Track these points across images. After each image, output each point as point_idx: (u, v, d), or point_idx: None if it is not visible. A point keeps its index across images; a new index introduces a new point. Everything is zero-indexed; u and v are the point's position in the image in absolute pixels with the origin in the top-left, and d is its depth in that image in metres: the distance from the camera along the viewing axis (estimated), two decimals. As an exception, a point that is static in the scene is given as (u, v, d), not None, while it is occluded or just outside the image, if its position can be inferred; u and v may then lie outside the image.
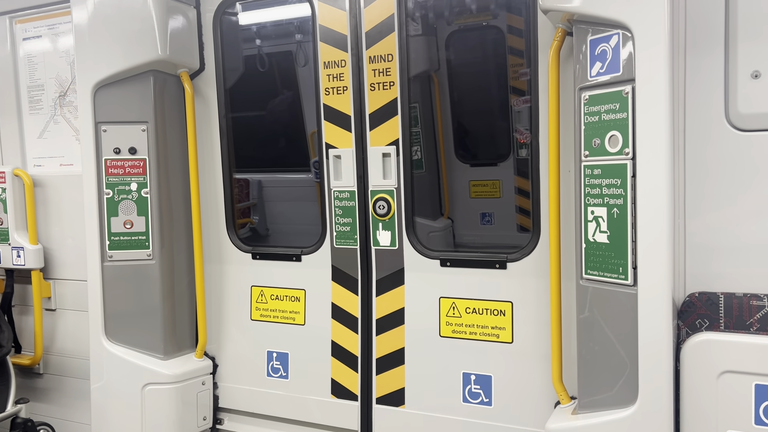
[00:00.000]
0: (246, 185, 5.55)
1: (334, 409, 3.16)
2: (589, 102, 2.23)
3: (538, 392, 2.72)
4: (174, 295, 3.32)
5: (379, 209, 2.98)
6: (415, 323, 2.98)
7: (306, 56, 5.08)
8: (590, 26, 2.22)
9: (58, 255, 3.83)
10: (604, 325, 2.25)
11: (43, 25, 3.78)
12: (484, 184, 4.92)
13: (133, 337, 3.27)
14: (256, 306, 3.37)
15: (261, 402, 3.35)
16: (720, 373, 2.08)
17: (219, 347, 3.48)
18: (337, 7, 2.98)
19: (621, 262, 2.17)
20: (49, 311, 3.89)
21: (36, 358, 3.86)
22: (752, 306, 2.20)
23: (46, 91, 3.82)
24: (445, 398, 2.92)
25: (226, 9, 3.31)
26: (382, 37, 2.90)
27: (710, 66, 2.31)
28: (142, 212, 3.21)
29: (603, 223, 2.21)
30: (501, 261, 2.78)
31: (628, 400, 2.18)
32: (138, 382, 3.21)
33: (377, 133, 2.96)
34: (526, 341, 2.75)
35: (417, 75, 4.38)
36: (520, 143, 4.67)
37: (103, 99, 3.16)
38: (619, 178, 2.15)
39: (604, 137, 2.19)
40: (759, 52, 2.24)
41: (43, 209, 3.85)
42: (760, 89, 2.25)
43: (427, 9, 4.31)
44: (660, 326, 2.10)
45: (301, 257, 3.22)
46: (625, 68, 2.12)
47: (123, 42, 3.08)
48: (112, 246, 3.22)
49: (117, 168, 3.19)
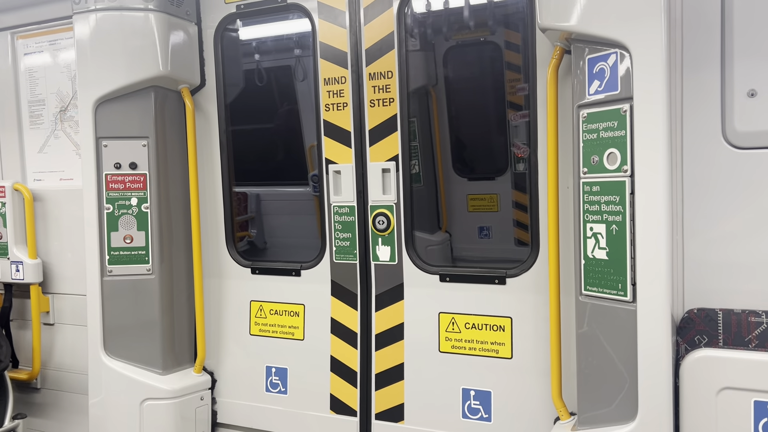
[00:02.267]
0: (244, 198, 5.56)
1: (333, 424, 3.15)
2: (587, 120, 2.25)
3: (538, 408, 2.72)
4: (173, 310, 3.32)
5: (378, 224, 2.99)
6: (415, 338, 2.98)
7: (305, 71, 5.12)
8: (588, 45, 2.25)
9: (57, 269, 3.83)
10: (604, 342, 2.26)
11: (44, 41, 3.80)
12: (482, 198, 4.94)
13: (131, 352, 3.26)
14: (255, 321, 3.37)
15: (260, 417, 3.34)
16: (719, 390, 2.09)
17: (218, 362, 3.47)
18: (337, 24, 3.01)
19: (620, 279, 2.18)
20: (47, 326, 3.88)
21: (34, 372, 3.85)
22: (751, 323, 2.21)
23: (46, 105, 3.83)
24: (444, 414, 2.92)
25: (227, 25, 3.34)
26: (382, 54, 2.93)
27: (707, 84, 2.33)
28: (142, 227, 3.22)
29: (602, 239, 2.22)
30: (500, 276, 2.79)
31: (628, 417, 2.18)
32: (136, 397, 3.19)
33: (377, 149, 2.98)
34: (525, 357, 2.76)
35: (415, 90, 4.42)
36: (517, 157, 4.69)
37: (104, 114, 3.17)
38: (617, 195, 2.17)
39: (602, 154, 2.21)
40: (755, 70, 2.27)
41: (43, 223, 3.85)
42: (756, 107, 2.27)
43: (425, 25, 4.35)
44: (659, 342, 2.11)
45: (300, 272, 3.23)
46: (622, 87, 2.14)
47: (124, 58, 3.10)
48: (111, 261, 3.22)
49: (117, 183, 3.20)
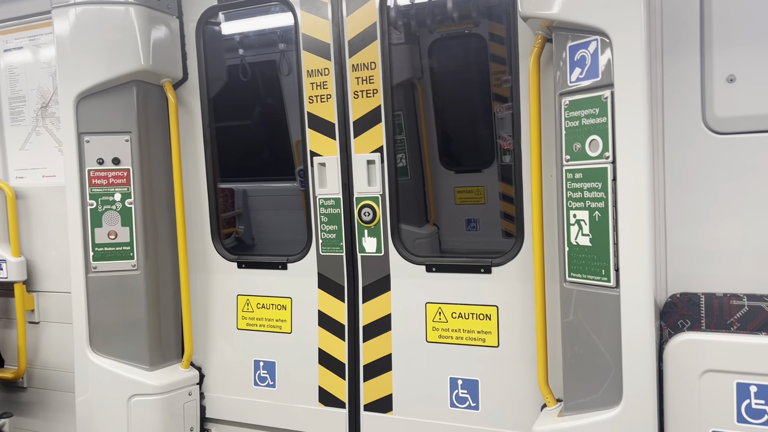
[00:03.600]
0: (231, 195, 5.54)
1: (321, 416, 3.15)
2: (569, 107, 2.26)
3: (525, 395, 2.74)
4: (159, 306, 3.30)
5: (364, 216, 2.99)
6: (402, 329, 2.99)
7: (290, 65, 5.10)
8: (569, 33, 2.25)
9: (42, 267, 3.80)
10: (588, 328, 2.27)
11: (24, 37, 3.76)
12: (469, 190, 4.95)
13: (118, 349, 3.24)
14: (243, 315, 3.36)
15: (248, 411, 3.34)
16: (702, 372, 2.11)
17: (205, 357, 3.46)
18: (319, 16, 3.00)
19: (603, 265, 2.20)
20: (32, 324, 3.85)
21: (19, 371, 3.82)
22: (732, 305, 2.24)
23: (27, 102, 3.79)
24: (432, 403, 2.93)
25: (208, 19, 3.32)
26: (365, 45, 2.92)
27: (687, 70, 2.35)
28: (126, 223, 3.20)
29: (585, 226, 2.24)
30: (486, 266, 2.80)
31: (613, 401, 2.20)
32: (124, 393, 3.18)
33: (361, 141, 2.98)
34: (511, 345, 2.77)
35: (401, 83, 4.42)
36: (503, 149, 4.71)
37: (86, 109, 3.15)
38: (600, 181, 2.18)
39: (584, 141, 2.22)
40: (733, 56, 2.29)
41: (26, 221, 3.81)
42: (735, 93, 2.29)
43: (409, 17, 4.34)
44: (643, 327, 2.13)
45: (287, 265, 3.22)
46: (603, 74, 2.15)
47: (105, 52, 3.07)
48: (96, 257, 3.20)
49: (100, 178, 3.18)
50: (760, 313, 2.19)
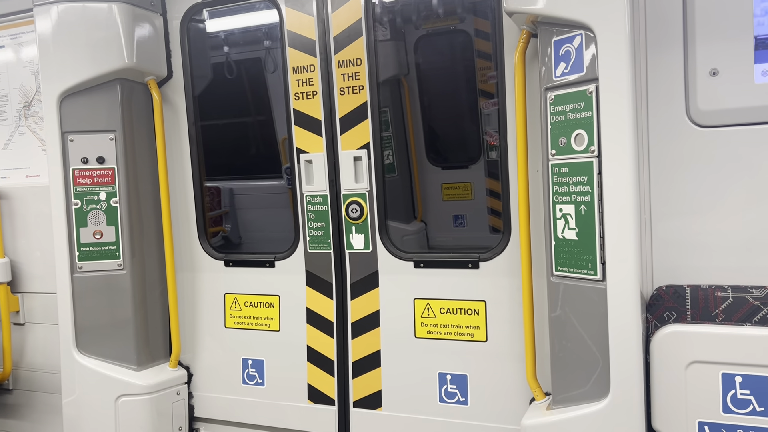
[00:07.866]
0: (217, 193, 5.51)
1: (311, 414, 3.15)
2: (554, 102, 2.27)
3: (514, 389, 2.75)
4: (146, 305, 3.28)
5: (352, 213, 2.99)
6: (391, 325, 2.99)
7: (275, 62, 5.08)
8: (554, 27, 2.26)
9: (26, 268, 3.76)
10: (576, 321, 2.29)
11: (5, 35, 3.72)
12: (456, 186, 4.96)
13: (105, 349, 3.22)
14: (230, 313, 3.35)
15: (237, 410, 3.33)
16: (688, 364, 2.13)
17: (193, 356, 3.44)
18: (304, 12, 2.99)
19: (590, 258, 2.21)
20: (17, 325, 3.81)
21: (5, 373, 3.78)
22: (717, 297, 2.26)
23: (10, 101, 3.75)
24: (421, 399, 2.93)
25: (192, 16, 3.29)
26: (351, 41, 2.92)
27: (671, 64, 2.37)
28: (112, 222, 3.17)
29: (571, 220, 2.25)
30: (473, 261, 2.81)
31: (601, 394, 2.22)
32: (111, 394, 3.16)
33: (348, 137, 2.98)
34: (500, 340, 2.78)
35: (387, 79, 4.41)
36: (490, 145, 4.72)
37: (70, 108, 3.11)
38: (585, 175, 2.19)
39: (570, 136, 2.23)
40: (716, 50, 2.31)
41: (10, 222, 3.77)
42: (718, 86, 2.32)
43: (394, 13, 4.34)
44: (629, 320, 2.15)
45: (274, 263, 3.21)
46: (588, 68, 2.17)
47: (88, 50, 3.04)
48: (81, 257, 3.17)
49: (85, 178, 3.15)
50: (744, 305, 2.22)
